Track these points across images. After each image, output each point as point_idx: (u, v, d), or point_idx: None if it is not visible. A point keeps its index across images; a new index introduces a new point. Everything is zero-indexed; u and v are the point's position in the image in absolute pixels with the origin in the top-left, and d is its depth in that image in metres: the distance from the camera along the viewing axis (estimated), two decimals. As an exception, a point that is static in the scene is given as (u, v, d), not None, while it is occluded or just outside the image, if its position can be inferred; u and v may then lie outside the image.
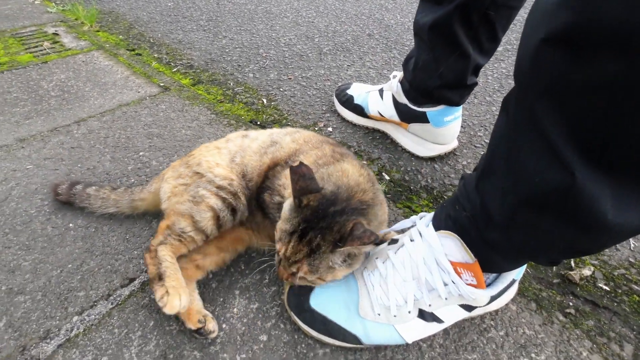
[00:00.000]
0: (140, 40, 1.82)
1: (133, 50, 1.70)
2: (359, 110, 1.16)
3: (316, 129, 1.18)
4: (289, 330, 0.64)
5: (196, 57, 1.65)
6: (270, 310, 0.67)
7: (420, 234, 0.61)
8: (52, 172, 0.95)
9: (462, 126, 1.14)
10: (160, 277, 0.59)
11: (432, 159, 1.06)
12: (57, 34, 1.81)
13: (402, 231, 0.67)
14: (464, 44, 0.83)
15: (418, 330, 0.60)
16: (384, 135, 1.16)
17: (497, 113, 0.56)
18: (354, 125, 1.20)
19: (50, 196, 0.86)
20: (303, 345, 0.62)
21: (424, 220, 0.62)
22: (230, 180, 0.69)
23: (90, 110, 1.22)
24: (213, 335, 0.60)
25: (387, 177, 0.99)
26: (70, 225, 0.81)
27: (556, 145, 0.39)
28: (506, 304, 0.69)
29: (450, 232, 0.56)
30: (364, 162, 1.04)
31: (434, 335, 0.64)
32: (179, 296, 0.57)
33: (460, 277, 0.56)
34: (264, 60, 1.63)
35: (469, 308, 0.60)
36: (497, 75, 1.55)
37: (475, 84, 0.94)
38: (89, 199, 0.80)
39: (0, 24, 1.89)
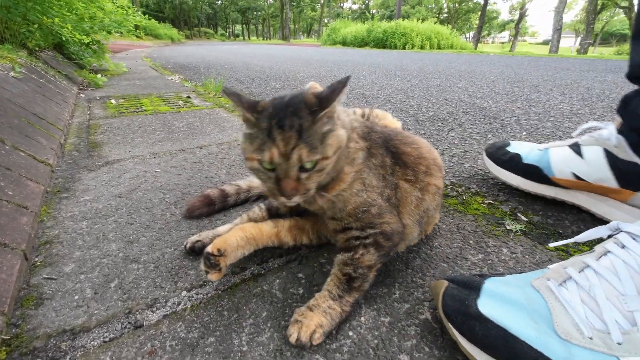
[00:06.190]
0: (253, 104, 2.11)
1: (248, 109, 1.96)
2: (533, 173, 0.87)
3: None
4: (437, 356, 0.47)
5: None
6: (408, 328, 0.52)
7: (634, 237, 0.45)
8: (176, 176, 1.01)
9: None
10: None
11: None
12: (189, 97, 2.19)
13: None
14: None
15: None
16: (572, 208, 0.84)
17: None
18: (515, 189, 0.93)
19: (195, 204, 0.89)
20: (464, 377, 0.44)
21: (632, 225, 0.47)
22: None
23: (211, 140, 1.35)
24: (211, 276, 0.53)
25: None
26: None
27: None
28: None
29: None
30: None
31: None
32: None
33: None
34: (363, 122, 1.72)
35: None
36: None
37: None
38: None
39: (150, 90, 2.39)
